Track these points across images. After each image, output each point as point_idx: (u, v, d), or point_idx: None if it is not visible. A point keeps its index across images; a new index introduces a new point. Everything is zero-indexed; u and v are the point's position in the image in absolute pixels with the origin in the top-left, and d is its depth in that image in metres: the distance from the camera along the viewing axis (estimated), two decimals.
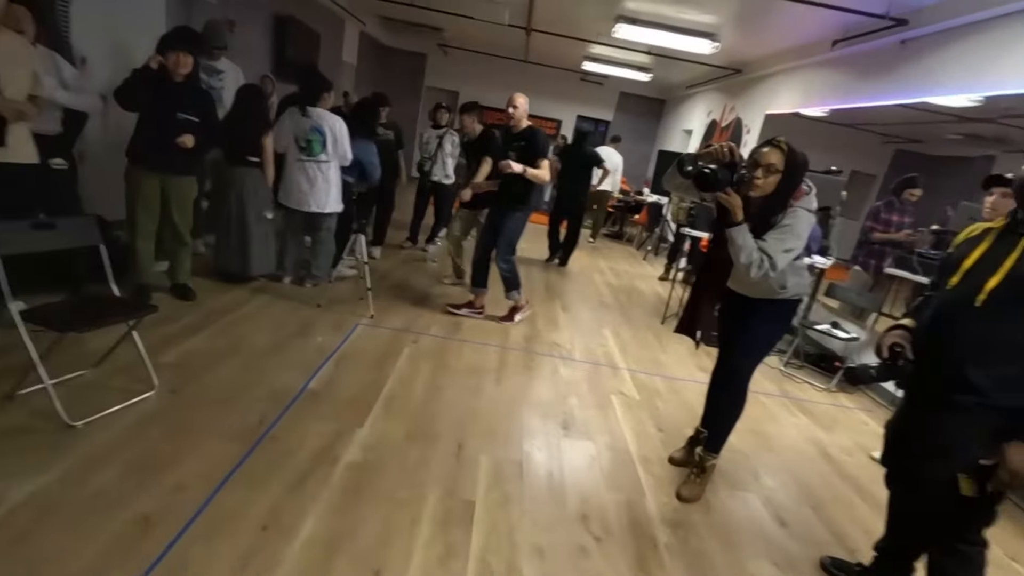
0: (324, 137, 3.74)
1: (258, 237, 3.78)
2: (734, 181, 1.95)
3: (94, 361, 2.48)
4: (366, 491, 2.01)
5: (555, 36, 7.26)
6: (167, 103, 3.07)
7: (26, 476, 1.79)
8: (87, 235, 2.29)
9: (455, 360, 3.29)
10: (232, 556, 1.63)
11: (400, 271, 4.96)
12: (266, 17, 6.33)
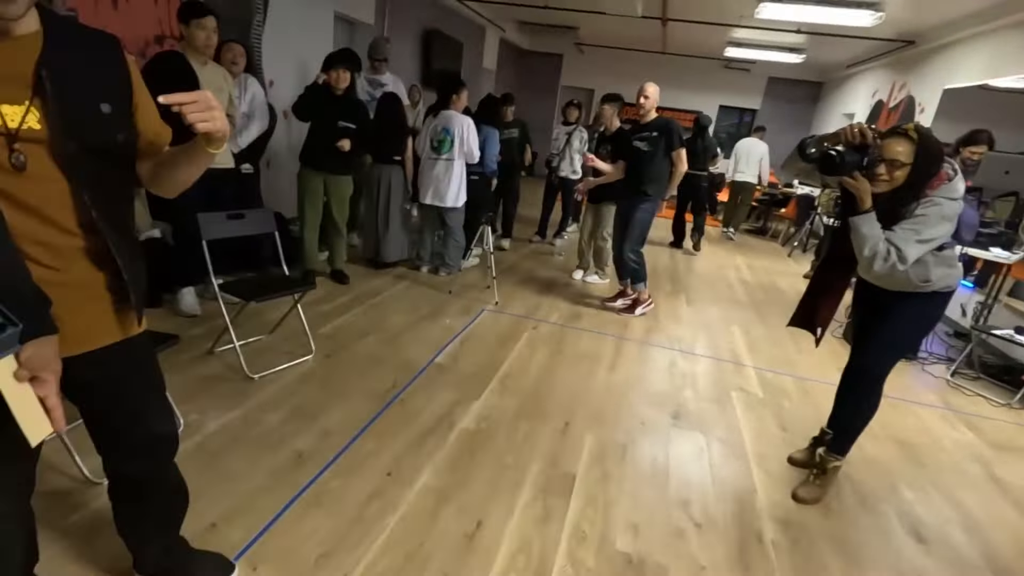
0: (452, 136, 4.06)
1: (396, 228, 4.24)
2: (863, 165, 1.81)
3: (269, 329, 3.01)
4: (477, 454, 2.21)
5: (693, 24, 7.00)
6: (330, 113, 3.58)
7: (218, 412, 2.26)
8: (266, 224, 2.78)
9: (571, 347, 3.39)
10: (361, 493, 1.91)
11: (527, 263, 5.18)
12: (415, 32, 6.96)
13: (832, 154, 1.78)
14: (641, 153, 3.75)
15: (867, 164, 1.80)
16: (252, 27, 4.35)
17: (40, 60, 0.89)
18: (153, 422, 1.24)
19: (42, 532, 1.51)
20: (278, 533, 1.70)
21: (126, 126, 1.02)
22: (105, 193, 0.99)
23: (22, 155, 0.88)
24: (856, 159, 1.80)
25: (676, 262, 6.03)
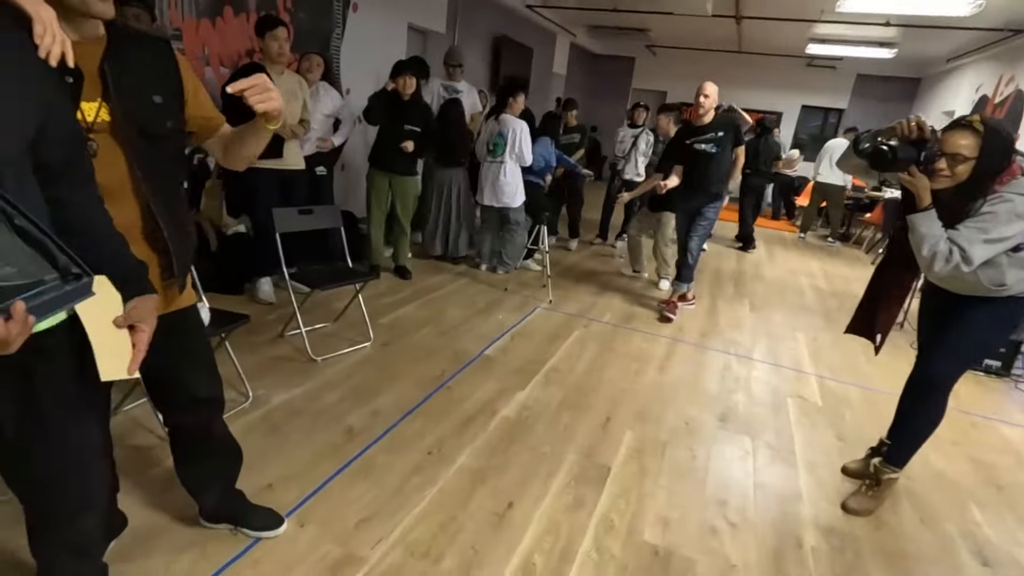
0: (505, 140, 4.18)
1: (455, 227, 4.41)
2: (921, 160, 1.72)
3: (334, 317, 3.24)
4: (515, 441, 2.29)
5: (769, 20, 6.73)
6: (396, 117, 3.80)
7: (284, 389, 2.48)
8: (333, 219, 3.01)
9: (622, 345, 3.39)
10: (404, 468, 2.04)
11: (587, 264, 5.20)
12: (485, 39, 7.17)
13: (884, 149, 1.71)
14: (707, 155, 3.66)
15: (925, 159, 1.71)
16: (332, 39, 4.69)
17: (102, 60, 1.07)
18: (195, 386, 1.41)
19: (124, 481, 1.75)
20: (325, 497, 1.86)
21: (175, 114, 1.19)
22: (156, 172, 1.16)
23: (95, 143, 1.06)
24: (912, 154, 1.71)
25: (743, 266, 5.82)
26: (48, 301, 0.75)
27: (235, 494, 1.66)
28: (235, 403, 2.29)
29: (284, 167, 3.27)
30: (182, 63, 1.22)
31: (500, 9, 7.20)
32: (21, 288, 0.73)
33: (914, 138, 1.73)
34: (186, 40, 3.50)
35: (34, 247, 0.76)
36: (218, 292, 3.43)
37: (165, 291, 1.27)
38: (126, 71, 1.09)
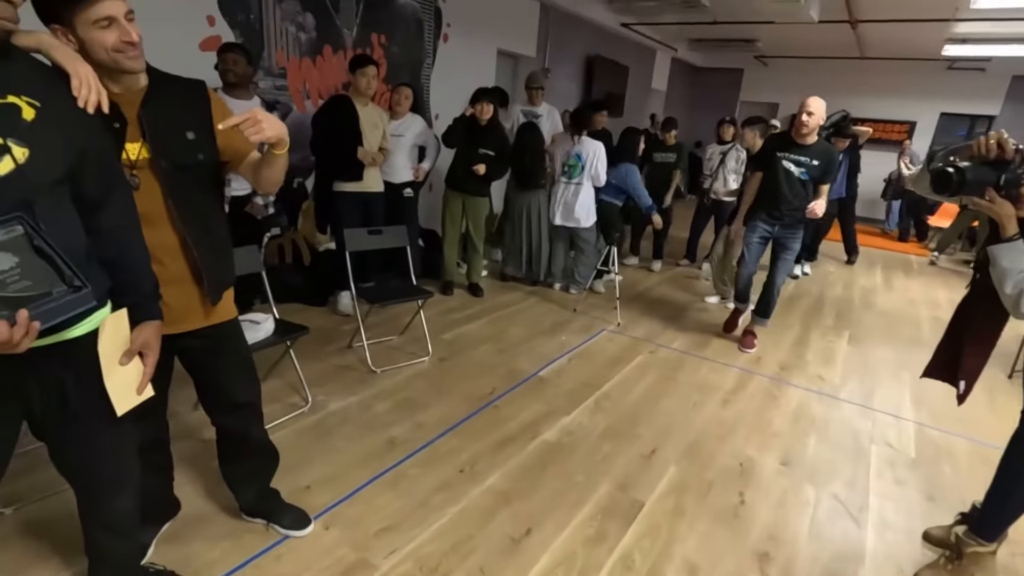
0: (583, 162, 4.16)
1: (536, 249, 4.45)
2: (1000, 183, 1.48)
3: (399, 331, 3.42)
4: (549, 466, 2.26)
5: (893, 23, 6.10)
6: (472, 141, 3.95)
7: (341, 396, 2.66)
8: (400, 239, 3.19)
9: (687, 375, 3.22)
10: (433, 483, 2.10)
11: (666, 286, 5.00)
12: (577, 59, 7.22)
13: (949, 171, 1.49)
14: (790, 175, 3.37)
15: (1006, 182, 1.47)
16: (422, 69, 5.00)
17: (141, 105, 1.25)
18: (234, 391, 1.57)
19: (188, 471, 1.98)
20: (354, 503, 1.96)
21: (207, 147, 1.36)
22: (189, 200, 1.33)
23: (137, 178, 1.25)
24: (988, 176, 1.48)
25: (852, 292, 5.26)
26: (54, 308, 0.91)
27: (270, 493, 1.81)
28: (295, 407, 2.50)
29: (364, 190, 3.53)
30: (214, 100, 1.39)
31: (593, 29, 7.22)
32: (34, 298, 0.89)
33: (993, 158, 1.50)
34: (289, 77, 3.93)
35: (48, 263, 0.92)
36: (307, 303, 3.77)
37: (202, 306, 1.45)
38: (161, 113, 1.28)
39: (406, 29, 4.70)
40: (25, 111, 0.95)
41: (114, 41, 1.15)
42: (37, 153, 0.96)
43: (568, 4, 6.35)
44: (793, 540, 1.96)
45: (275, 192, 1.55)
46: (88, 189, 1.08)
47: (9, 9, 0.90)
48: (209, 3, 3.34)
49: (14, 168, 0.92)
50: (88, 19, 1.13)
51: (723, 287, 4.47)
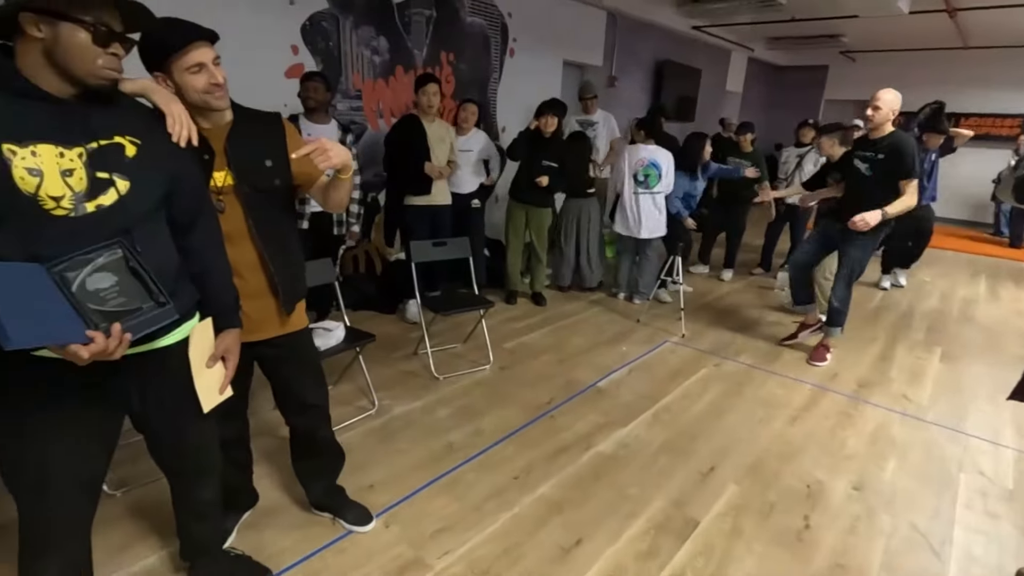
0: (660, 171, 4.12)
1: (584, 258, 4.46)
2: None
3: (462, 339, 3.53)
4: (603, 478, 2.27)
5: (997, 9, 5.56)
6: (537, 153, 4.03)
7: (405, 401, 2.80)
8: (463, 250, 3.31)
9: (752, 390, 3.10)
10: (487, 489, 2.17)
11: (736, 296, 4.83)
12: (646, 65, 7.13)
13: None
14: (860, 176, 3.18)
15: None
16: (489, 84, 5.15)
17: (227, 138, 1.42)
18: (304, 394, 1.72)
19: (266, 465, 2.16)
20: (413, 504, 2.07)
21: (283, 173, 1.51)
22: (267, 221, 1.49)
23: (223, 203, 1.41)
24: None
25: (949, 304, 4.84)
26: (143, 322, 1.06)
27: (336, 489, 1.95)
28: (363, 410, 2.66)
29: (431, 203, 3.69)
30: (288, 130, 1.55)
31: (663, 34, 7.11)
32: (128, 312, 1.05)
33: None
34: (364, 99, 4.18)
35: (140, 282, 1.07)
36: (379, 311, 3.99)
37: (278, 316, 1.60)
38: (243, 144, 1.44)
39: (473, 46, 4.86)
40: (128, 149, 1.12)
41: (204, 84, 1.32)
42: (137, 186, 1.12)
43: (637, 11, 6.30)
44: (862, 570, 1.86)
45: (342, 210, 1.68)
46: (180, 213, 1.24)
47: (116, 61, 1.06)
48: (293, 34, 3.64)
49: (117, 199, 1.08)
50: (182, 66, 1.30)
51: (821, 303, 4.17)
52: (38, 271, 0.97)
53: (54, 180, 1.01)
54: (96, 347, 0.99)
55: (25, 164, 0.98)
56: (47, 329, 0.95)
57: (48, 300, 0.97)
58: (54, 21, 0.97)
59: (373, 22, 4.07)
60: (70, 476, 1.17)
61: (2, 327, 0.86)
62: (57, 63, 1.00)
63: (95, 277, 1.03)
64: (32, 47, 0.99)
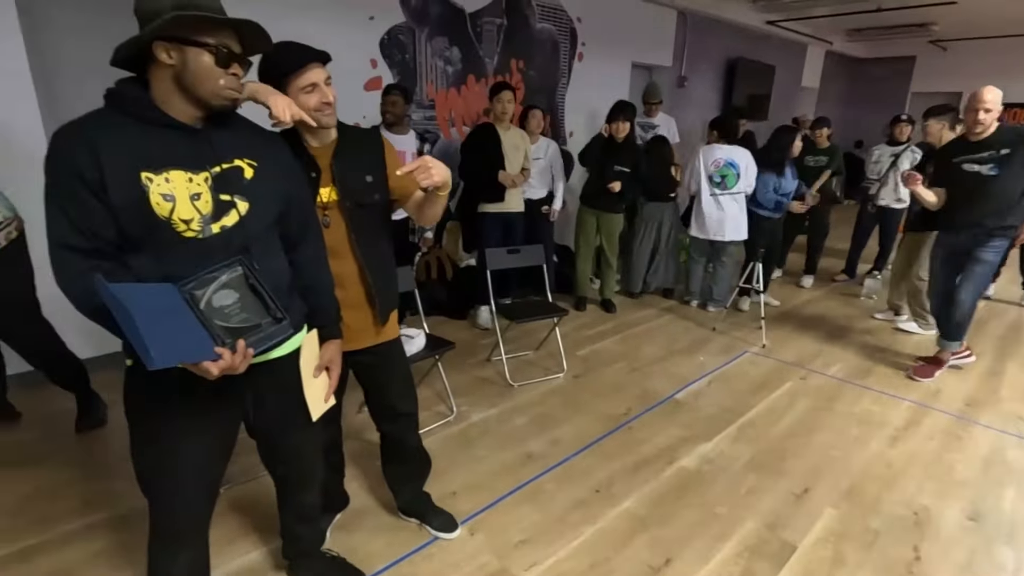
0: (738, 170, 3.97)
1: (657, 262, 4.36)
2: None
3: (536, 347, 3.53)
4: (688, 495, 2.19)
5: None
6: (609, 159, 3.97)
7: (482, 408, 2.82)
8: (537, 258, 3.30)
9: (845, 406, 2.92)
10: (569, 500, 2.15)
11: (820, 304, 4.57)
12: (716, 64, 6.90)
13: None
14: (980, 179, 2.93)
15: None
16: (557, 89, 5.13)
17: (333, 155, 1.47)
18: (395, 402, 1.76)
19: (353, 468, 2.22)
20: (496, 512, 2.08)
21: (382, 188, 1.55)
22: (367, 234, 1.53)
23: (328, 218, 1.46)
24: None
25: None
26: (263, 337, 1.11)
27: (423, 496, 1.99)
28: (442, 416, 2.70)
29: (505, 210, 3.71)
30: (387, 146, 1.59)
31: (735, 31, 6.87)
32: (249, 329, 1.10)
33: None
34: (437, 108, 4.26)
35: (259, 299, 1.12)
36: (448, 316, 4.05)
37: (374, 326, 1.65)
38: (347, 161, 1.49)
39: (543, 52, 4.86)
40: (247, 171, 1.17)
41: (315, 103, 1.38)
42: (255, 206, 1.17)
43: (708, 8, 6.11)
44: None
45: (434, 223, 1.71)
46: (291, 229, 1.30)
47: (236, 81, 1.12)
48: (372, 48, 3.76)
49: (238, 220, 1.14)
50: (298, 85, 1.37)
51: (921, 310, 3.82)
52: (171, 291, 1.03)
53: (185, 204, 1.08)
54: (224, 363, 1.04)
55: (160, 190, 1.05)
56: (183, 348, 1.01)
57: (182, 319, 1.02)
58: (182, 47, 1.04)
59: (446, 33, 4.15)
60: (198, 479, 1.24)
61: (146, 349, 0.92)
62: (186, 88, 1.06)
63: (220, 294, 1.09)
64: (164, 75, 1.06)
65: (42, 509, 2.02)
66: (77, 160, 0.99)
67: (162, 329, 0.96)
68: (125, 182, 1.02)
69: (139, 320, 0.91)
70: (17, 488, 2.13)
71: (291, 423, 1.37)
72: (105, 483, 2.15)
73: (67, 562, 1.79)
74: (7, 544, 1.86)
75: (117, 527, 1.94)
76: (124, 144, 1.03)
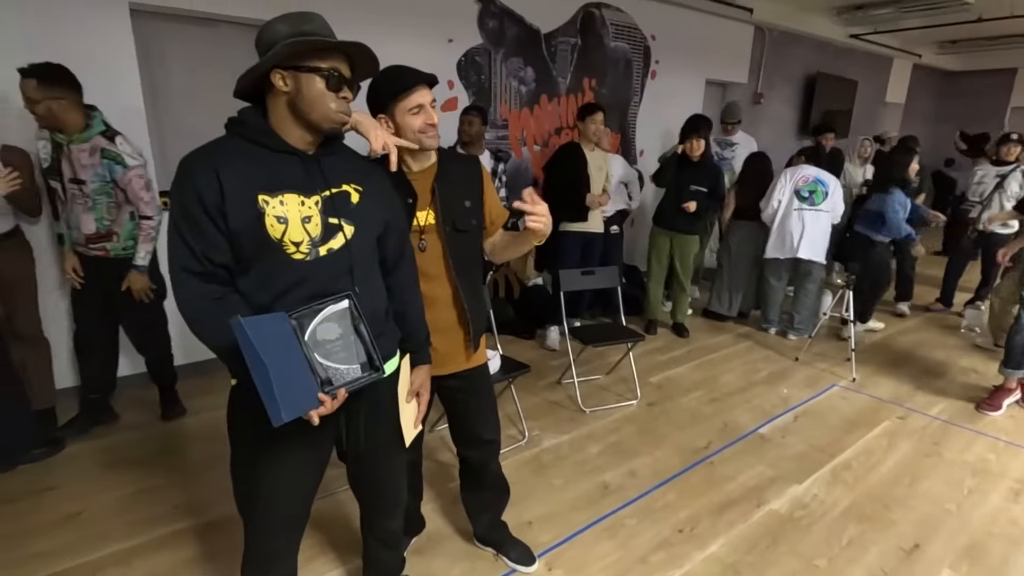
0: (827, 188, 3.76)
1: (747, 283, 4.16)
2: None
3: (607, 370, 3.43)
4: (781, 542, 2.03)
5: None
6: (684, 178, 3.85)
7: (554, 433, 2.74)
8: (611, 280, 3.22)
9: (955, 452, 2.65)
10: (652, 539, 2.03)
11: (915, 335, 4.23)
12: (794, 80, 6.62)
13: None
14: None
15: None
16: (630, 107, 5.05)
17: (433, 181, 1.46)
18: (480, 428, 1.71)
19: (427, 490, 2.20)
20: (575, 547, 1.99)
21: (478, 214, 1.53)
22: (462, 259, 1.51)
23: (424, 241, 1.45)
24: None
25: None
26: (357, 382, 1.10)
27: (500, 525, 1.93)
28: (514, 440, 2.64)
29: (586, 230, 3.67)
30: (484, 174, 1.57)
31: (816, 45, 6.58)
32: (347, 373, 1.09)
33: None
34: (510, 127, 4.28)
35: (360, 342, 1.10)
36: (513, 335, 4.01)
37: (465, 350, 1.62)
38: (448, 185, 1.49)
39: (615, 71, 4.81)
40: (353, 196, 1.18)
41: (420, 124, 1.39)
42: (360, 230, 1.18)
43: (788, 22, 5.89)
44: None
45: (504, 261, 1.67)
46: (388, 253, 1.30)
47: (346, 105, 1.13)
48: (450, 69, 3.83)
49: (344, 243, 1.15)
50: (404, 108, 1.38)
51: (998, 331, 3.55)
52: (283, 319, 1.02)
53: (296, 227, 1.09)
54: (324, 410, 1.05)
55: (275, 212, 1.07)
56: (298, 398, 0.99)
57: (292, 355, 1.01)
58: (296, 73, 1.06)
59: (521, 53, 4.17)
60: (292, 503, 1.24)
61: (276, 404, 0.92)
62: (299, 113, 1.09)
63: (324, 327, 1.08)
64: (280, 101, 1.09)
65: (137, 512, 2.10)
66: (201, 186, 1.02)
67: (284, 373, 0.96)
68: (243, 204, 1.04)
69: (273, 373, 0.91)
70: (115, 490, 2.23)
71: (383, 448, 1.35)
72: (191, 491, 2.22)
73: (159, 568, 1.85)
74: (108, 544, 1.94)
75: (203, 535, 1.99)
76: (244, 169, 1.06)
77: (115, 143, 2.28)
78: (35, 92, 2.12)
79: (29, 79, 2.12)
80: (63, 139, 2.25)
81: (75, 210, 2.32)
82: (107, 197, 2.31)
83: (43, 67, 2.14)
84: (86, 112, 2.26)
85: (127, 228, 2.39)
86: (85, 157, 2.25)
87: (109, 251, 2.38)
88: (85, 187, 2.27)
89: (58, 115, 2.17)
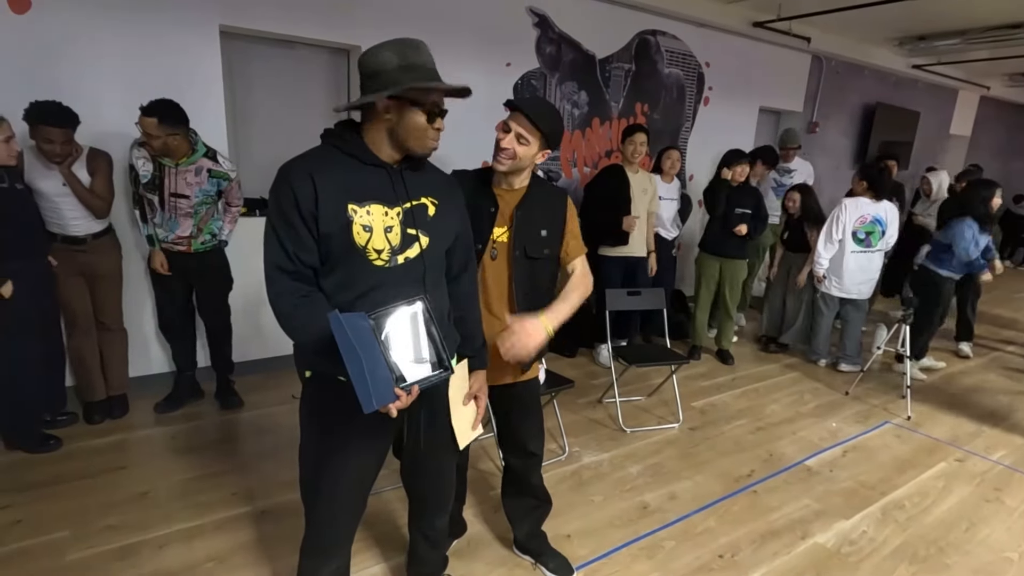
0: (884, 227, 3.68)
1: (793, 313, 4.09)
2: None
3: (648, 392, 3.42)
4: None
5: None
6: (729, 202, 3.84)
7: (594, 450, 2.76)
8: (657, 301, 3.24)
9: (1018, 500, 2.52)
10: (691, 563, 2.02)
11: (980, 375, 4.04)
12: (852, 110, 6.50)
13: None
14: None
15: None
16: (681, 132, 5.08)
17: (517, 205, 1.54)
18: (527, 441, 1.77)
19: (469, 496, 2.25)
20: (612, 563, 2.00)
21: (554, 244, 1.60)
22: (526, 282, 1.58)
23: (496, 251, 1.54)
24: None
25: None
26: (428, 380, 1.15)
27: (540, 534, 1.96)
28: (554, 454, 2.67)
29: (628, 254, 3.69)
30: (570, 209, 1.65)
31: (876, 76, 6.46)
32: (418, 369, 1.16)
33: None
34: (562, 149, 4.38)
35: (432, 343, 1.18)
36: (555, 352, 4.04)
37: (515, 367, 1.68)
38: (528, 212, 1.57)
39: (668, 97, 4.86)
40: (430, 208, 1.27)
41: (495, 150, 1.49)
42: (434, 241, 1.27)
43: (848, 52, 5.81)
44: None
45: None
46: (454, 263, 1.38)
47: (438, 135, 1.22)
48: (507, 92, 3.96)
49: (419, 252, 1.24)
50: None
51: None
52: (363, 318, 1.09)
53: (379, 235, 1.18)
54: (400, 404, 1.11)
55: (361, 221, 1.16)
56: (381, 391, 1.06)
57: (373, 351, 1.07)
58: (401, 105, 1.15)
59: (576, 77, 4.28)
60: (354, 492, 1.32)
61: (369, 393, 0.99)
62: (397, 139, 1.19)
63: (398, 327, 1.14)
64: (380, 125, 1.19)
65: (198, 496, 2.24)
66: (298, 191, 1.13)
67: (370, 363, 1.03)
68: (334, 212, 1.14)
69: (367, 365, 0.99)
70: (178, 474, 2.38)
71: (439, 449, 1.42)
72: (248, 479, 2.35)
73: (218, 549, 1.96)
74: (172, 523, 2.08)
75: (258, 522, 2.10)
76: (337, 178, 1.15)
77: (218, 162, 2.60)
78: (155, 130, 2.38)
79: (150, 118, 2.37)
80: (169, 163, 2.52)
81: (173, 216, 2.60)
82: (206, 207, 2.65)
83: (162, 107, 2.39)
84: (190, 139, 2.53)
85: (208, 226, 2.70)
86: (191, 176, 2.55)
87: (192, 247, 2.68)
88: (189, 200, 2.58)
89: (172, 148, 2.47)
